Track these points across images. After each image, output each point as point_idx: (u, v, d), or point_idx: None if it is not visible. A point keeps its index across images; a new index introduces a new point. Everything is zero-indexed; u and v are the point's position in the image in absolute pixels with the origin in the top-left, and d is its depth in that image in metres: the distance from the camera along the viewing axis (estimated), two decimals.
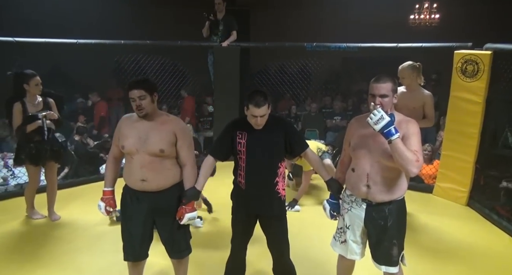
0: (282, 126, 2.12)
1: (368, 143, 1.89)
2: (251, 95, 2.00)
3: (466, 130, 3.64)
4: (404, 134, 1.80)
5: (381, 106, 1.80)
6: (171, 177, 2.07)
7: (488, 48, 3.52)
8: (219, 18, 4.81)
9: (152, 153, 1.99)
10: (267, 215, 2.16)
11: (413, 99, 3.14)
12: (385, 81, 1.84)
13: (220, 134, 2.21)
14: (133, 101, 1.98)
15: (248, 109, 2.02)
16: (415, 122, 1.90)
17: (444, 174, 3.91)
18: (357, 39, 4.46)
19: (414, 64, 3.12)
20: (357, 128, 1.98)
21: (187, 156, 2.08)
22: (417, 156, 1.76)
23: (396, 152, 1.74)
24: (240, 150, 2.08)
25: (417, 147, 1.81)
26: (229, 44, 4.75)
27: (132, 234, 2.09)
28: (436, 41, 4.06)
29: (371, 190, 1.90)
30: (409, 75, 3.09)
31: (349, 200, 2.02)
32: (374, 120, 1.75)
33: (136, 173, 2.01)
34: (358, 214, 1.98)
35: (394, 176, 1.89)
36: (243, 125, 2.09)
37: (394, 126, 1.74)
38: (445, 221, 3.43)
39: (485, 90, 3.50)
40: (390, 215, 1.91)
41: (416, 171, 1.76)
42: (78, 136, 5.07)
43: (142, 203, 2.05)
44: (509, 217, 3.35)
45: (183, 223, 2.07)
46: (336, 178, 2.17)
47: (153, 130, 2.01)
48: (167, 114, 2.14)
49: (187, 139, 2.09)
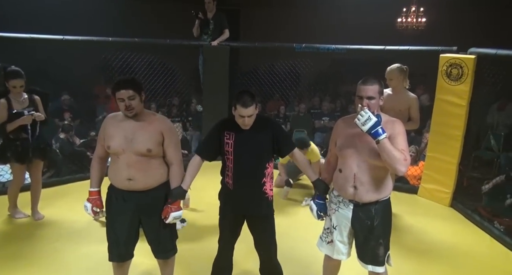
0: (269, 126, 2.13)
1: (355, 142, 1.92)
2: (238, 95, 2.01)
3: (450, 133, 3.71)
4: (391, 135, 1.83)
5: (368, 108, 1.83)
6: (158, 176, 2.06)
7: (472, 52, 3.60)
8: (209, 17, 4.78)
9: (139, 153, 1.97)
10: (255, 215, 2.17)
11: (399, 102, 3.20)
12: (372, 83, 1.87)
13: (207, 134, 2.21)
14: (121, 101, 1.94)
15: (235, 110, 2.02)
16: (401, 122, 1.94)
17: (429, 175, 3.97)
18: (346, 41, 4.50)
19: (402, 67, 3.19)
20: (344, 128, 2.00)
21: (174, 155, 2.07)
22: (405, 155, 1.80)
23: (384, 152, 1.77)
24: (227, 150, 2.08)
25: (404, 146, 1.85)
26: (219, 43, 4.73)
27: (117, 234, 2.07)
28: (423, 44, 4.13)
29: (358, 191, 1.92)
30: (397, 77, 3.16)
31: (337, 200, 2.04)
32: (361, 121, 1.78)
33: (123, 172, 1.99)
34: (345, 214, 2.00)
35: (381, 175, 1.92)
36: (231, 125, 2.09)
37: (381, 126, 1.77)
38: (429, 222, 3.49)
39: (469, 94, 3.57)
40: (376, 214, 1.94)
41: (404, 170, 1.80)
42: (63, 134, 4.98)
43: (128, 202, 2.03)
44: (490, 218, 3.42)
45: (168, 222, 2.06)
46: (322, 178, 2.18)
47: (140, 130, 1.99)
48: (153, 113, 2.12)
49: (174, 138, 2.08)
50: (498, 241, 3.15)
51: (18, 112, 2.99)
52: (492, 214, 3.49)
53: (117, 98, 1.95)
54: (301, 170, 2.29)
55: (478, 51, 3.55)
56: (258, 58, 6.00)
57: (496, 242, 3.15)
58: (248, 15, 8.14)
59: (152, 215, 2.08)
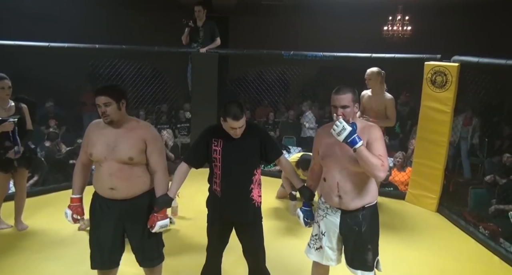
0: (257, 133, 2.15)
1: (335, 150, 1.95)
2: (227, 107, 2.01)
3: (435, 139, 3.78)
4: (368, 140, 1.87)
5: (343, 117, 1.85)
6: (141, 184, 2.04)
7: (455, 60, 3.69)
8: (199, 26, 4.81)
9: (121, 161, 1.96)
10: (243, 222, 2.18)
11: (377, 103, 3.52)
12: (344, 92, 1.89)
13: (195, 141, 2.22)
14: (98, 107, 1.95)
15: (225, 122, 2.03)
16: (378, 127, 1.97)
17: (416, 181, 4.04)
18: (334, 49, 4.58)
19: (380, 70, 3.48)
20: (324, 137, 2.02)
21: (157, 163, 2.06)
22: (382, 160, 1.82)
23: (361, 159, 1.80)
24: (215, 157, 2.09)
25: (382, 151, 1.87)
26: (208, 51, 4.76)
27: (100, 242, 2.04)
28: (409, 52, 4.23)
29: (343, 200, 1.95)
30: (375, 77, 3.47)
31: (324, 207, 2.06)
32: (336, 131, 1.81)
33: (105, 181, 1.97)
34: (334, 221, 2.02)
35: (363, 180, 1.95)
36: (219, 132, 2.10)
37: (356, 135, 1.80)
38: (417, 228, 3.54)
39: (453, 100, 3.65)
40: (364, 220, 1.96)
41: (383, 175, 1.82)
42: (49, 143, 4.91)
43: (112, 210, 2.02)
44: (475, 223, 3.49)
45: (154, 231, 2.04)
46: (308, 185, 2.21)
47: (122, 138, 1.98)
48: (137, 120, 2.10)
49: (157, 145, 2.07)
50: (483, 246, 3.20)
51: (2, 120, 2.95)
52: (477, 219, 3.55)
53: (95, 104, 1.97)
54: None
55: (461, 59, 3.64)
56: (247, 65, 6.05)
57: (481, 246, 3.21)
58: (236, 23, 8.21)
59: (136, 223, 2.06)
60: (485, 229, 3.40)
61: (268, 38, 7.25)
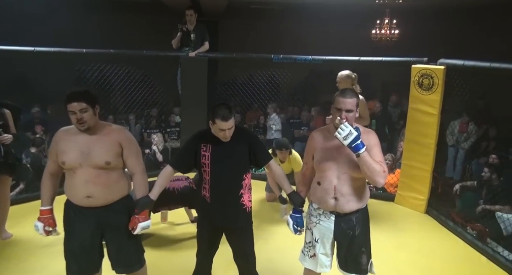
0: (246, 137, 2.15)
1: (334, 155, 1.93)
2: (216, 109, 2.01)
3: (423, 141, 3.82)
4: (367, 146, 1.86)
5: (347, 121, 1.84)
6: (119, 189, 2.02)
7: (441, 63, 3.74)
8: (190, 29, 4.81)
9: (97, 166, 1.92)
10: (233, 227, 2.17)
11: None
12: (351, 96, 1.89)
13: (183, 146, 2.20)
14: (73, 114, 1.89)
15: (214, 124, 2.02)
16: (374, 133, 1.99)
17: (404, 182, 4.07)
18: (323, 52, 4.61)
19: (350, 73, 3.51)
20: (320, 141, 2.00)
21: (135, 164, 2.04)
22: (383, 167, 1.84)
23: (364, 165, 1.80)
24: (204, 162, 2.08)
25: (380, 157, 1.89)
26: (197, 54, 4.75)
27: (77, 251, 1.99)
28: (397, 55, 4.29)
29: (339, 202, 1.94)
30: (344, 81, 3.51)
31: (316, 213, 2.04)
32: (343, 135, 1.80)
33: (81, 189, 1.93)
34: (327, 226, 2.01)
35: (359, 185, 1.96)
36: (208, 137, 2.09)
37: (361, 140, 1.80)
38: (406, 229, 3.57)
39: (440, 103, 3.71)
40: (357, 223, 1.97)
41: (383, 181, 1.85)
42: (35, 149, 4.83)
43: (89, 218, 1.97)
44: (463, 223, 3.53)
45: (136, 233, 2.01)
46: (298, 191, 2.18)
47: (96, 143, 1.94)
48: (109, 124, 2.07)
49: (133, 147, 2.05)
50: (471, 246, 3.24)
51: None
52: (465, 220, 3.59)
53: (68, 111, 1.90)
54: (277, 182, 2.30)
55: (447, 62, 3.69)
56: (237, 69, 6.05)
57: (469, 247, 3.25)
58: (226, 27, 8.22)
59: (115, 229, 2.02)
60: (473, 229, 3.44)
61: (258, 42, 7.27)
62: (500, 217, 3.45)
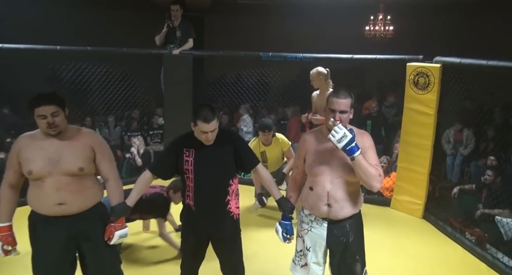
0: (231, 140, 2.14)
1: (327, 158, 1.93)
2: (197, 110, 2.00)
3: (419, 142, 3.86)
4: (361, 148, 1.86)
5: (340, 122, 1.84)
6: (93, 196, 1.99)
7: (437, 61, 3.78)
8: (175, 26, 4.79)
9: (69, 173, 1.89)
10: (220, 237, 2.16)
11: (324, 101, 3.52)
12: (345, 96, 1.88)
13: (164, 151, 2.19)
14: (42, 118, 1.85)
15: (196, 126, 2.01)
16: (369, 135, 2.00)
17: (400, 186, 4.11)
18: (315, 50, 4.64)
19: (322, 69, 3.63)
20: (312, 144, 2.00)
21: (109, 169, 2.03)
22: (379, 170, 1.84)
23: (359, 169, 1.80)
24: (187, 168, 2.06)
25: (376, 160, 1.90)
26: (181, 52, 4.73)
27: (48, 266, 1.94)
28: (392, 53, 4.33)
29: (332, 208, 1.93)
30: (316, 78, 3.64)
31: (308, 220, 2.04)
32: (337, 138, 1.79)
33: (51, 197, 1.88)
34: (320, 233, 2.00)
35: (353, 190, 1.96)
36: (190, 142, 2.08)
37: (355, 142, 1.80)
38: (402, 236, 3.60)
39: (436, 102, 3.74)
40: (351, 230, 1.97)
41: (379, 186, 1.85)
42: (3, 154, 4.72)
43: (59, 229, 1.93)
44: (461, 228, 3.57)
45: (113, 243, 1.99)
46: (288, 197, 2.17)
47: (67, 148, 1.91)
48: (78, 128, 2.05)
49: (106, 151, 2.04)
50: (470, 252, 3.28)
51: None
52: (463, 225, 3.64)
53: (36, 115, 1.85)
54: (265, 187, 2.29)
55: (443, 60, 3.73)
56: (224, 67, 6.05)
57: (467, 253, 3.28)
58: (212, 23, 8.21)
59: (89, 239, 1.99)
60: (472, 235, 3.48)
61: (246, 39, 7.29)
62: (500, 221, 3.48)
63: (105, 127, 5.93)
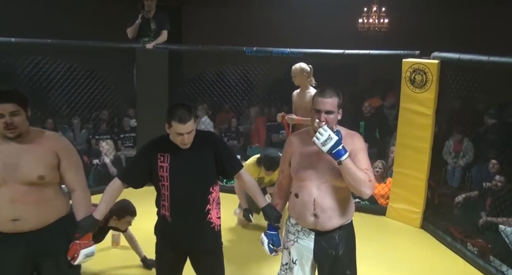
0: (211, 143, 2.13)
1: (313, 162, 1.95)
2: (172, 110, 1.99)
3: (417, 145, 3.90)
4: (351, 151, 1.88)
5: (326, 124, 1.86)
6: (55, 208, 1.95)
7: (435, 57, 3.83)
8: (150, 17, 4.77)
9: (27, 182, 1.84)
10: (199, 251, 2.16)
11: (304, 99, 3.66)
12: (331, 95, 1.90)
13: (135, 156, 2.18)
14: (0, 118, 1.81)
15: (171, 127, 1.99)
16: (360, 136, 2.02)
17: (397, 193, 4.15)
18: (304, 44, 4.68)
19: (305, 66, 3.62)
20: (298, 146, 2.02)
21: (75, 179, 1.99)
22: (369, 175, 1.85)
23: (347, 173, 1.82)
24: (162, 175, 2.05)
25: (367, 164, 1.91)
26: (155, 46, 4.71)
27: None
28: (387, 47, 4.40)
29: (319, 219, 1.94)
30: (299, 75, 3.62)
31: (295, 230, 2.05)
32: (321, 140, 1.80)
33: (4, 211, 1.82)
34: (306, 245, 2.01)
35: (343, 197, 1.97)
36: (165, 145, 2.07)
37: (342, 145, 1.81)
38: (399, 247, 3.63)
39: (435, 102, 3.80)
40: (340, 242, 1.98)
41: (370, 192, 1.86)
42: None
43: (15, 247, 1.87)
44: (462, 239, 3.61)
45: (78, 263, 1.94)
46: (274, 204, 2.18)
47: (26, 153, 1.86)
48: (42, 130, 2.01)
49: (72, 157, 1.99)
50: (472, 265, 3.32)
51: None
52: (464, 235, 3.67)
53: None
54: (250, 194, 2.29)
55: (441, 56, 3.78)
56: (205, 63, 6.04)
57: (469, 266, 3.32)
58: (191, 14, 8.20)
59: (50, 259, 1.94)
60: (474, 245, 3.51)
61: (228, 32, 7.31)
62: (504, 230, 3.52)
63: (69, 130, 5.87)
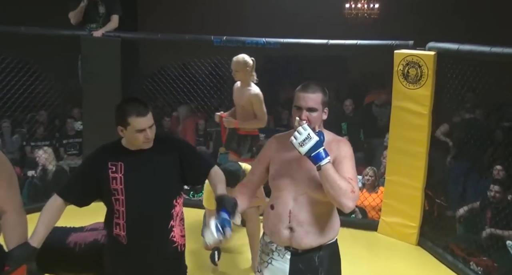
0: (173, 146, 2.15)
1: (292, 169, 1.96)
2: (124, 107, 2.00)
3: (411, 149, 3.95)
4: (336, 158, 1.90)
5: (308, 123, 1.88)
6: None
7: (431, 48, 3.90)
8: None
9: None
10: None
11: (242, 97, 3.80)
12: (314, 91, 1.93)
13: (79, 167, 2.15)
14: None
15: (127, 126, 1.99)
16: (348, 142, 2.04)
17: (390, 205, 4.19)
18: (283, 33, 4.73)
19: (248, 59, 3.72)
20: (278, 150, 2.04)
21: (7, 198, 1.93)
22: (352, 185, 1.85)
23: (326, 181, 1.82)
24: (115, 188, 2.03)
25: (352, 173, 1.92)
26: (105, 34, 4.67)
27: None
28: (378, 37, 4.49)
29: (294, 233, 1.95)
30: (242, 69, 3.70)
31: (269, 250, 2.05)
32: (299, 140, 1.82)
33: None
34: (281, 267, 2.01)
35: (323, 211, 1.98)
36: (117, 153, 2.07)
37: (323, 148, 1.82)
38: (392, 267, 3.66)
39: (431, 99, 3.86)
40: (320, 265, 1.98)
41: (352, 205, 1.85)
42: None
43: None
44: (465, 257, 3.66)
45: None
46: None
47: None
48: None
49: (5, 173, 1.94)
50: None
51: None
52: (467, 252, 3.72)
53: None
54: None
55: (438, 47, 3.85)
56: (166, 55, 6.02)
57: None
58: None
59: None
60: (478, 264, 3.56)
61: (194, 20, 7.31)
62: (511, 246, 3.61)
63: None
